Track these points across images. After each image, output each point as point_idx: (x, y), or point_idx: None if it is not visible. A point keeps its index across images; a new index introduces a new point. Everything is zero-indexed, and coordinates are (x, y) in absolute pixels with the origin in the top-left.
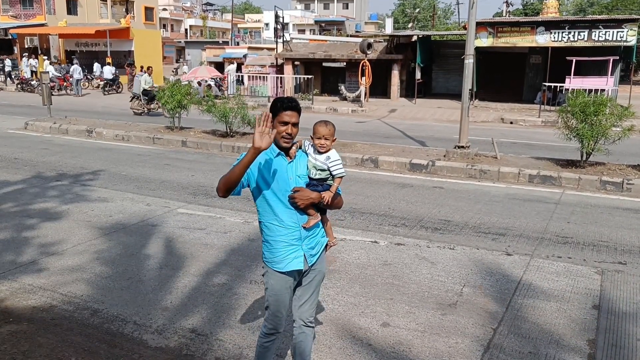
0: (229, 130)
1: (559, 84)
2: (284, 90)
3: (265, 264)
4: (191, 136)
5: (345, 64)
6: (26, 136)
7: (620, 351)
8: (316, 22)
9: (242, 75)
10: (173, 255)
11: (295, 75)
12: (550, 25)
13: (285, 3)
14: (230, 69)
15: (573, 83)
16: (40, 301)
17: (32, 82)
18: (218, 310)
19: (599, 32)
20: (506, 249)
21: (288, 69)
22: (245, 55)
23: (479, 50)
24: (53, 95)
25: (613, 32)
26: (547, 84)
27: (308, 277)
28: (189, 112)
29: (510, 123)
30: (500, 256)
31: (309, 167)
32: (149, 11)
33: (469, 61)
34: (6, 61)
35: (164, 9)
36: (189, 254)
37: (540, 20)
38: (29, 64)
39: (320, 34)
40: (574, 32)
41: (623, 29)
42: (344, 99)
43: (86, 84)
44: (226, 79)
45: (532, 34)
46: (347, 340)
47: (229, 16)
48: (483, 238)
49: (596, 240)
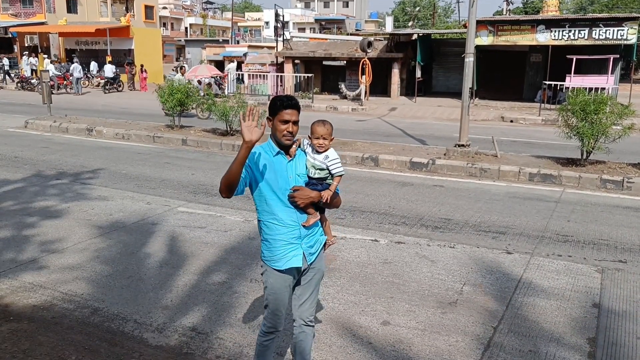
0: (229, 128)
1: (559, 83)
2: (284, 89)
3: (264, 263)
4: (191, 135)
5: (345, 62)
6: (26, 135)
7: (620, 349)
8: (316, 21)
9: (242, 74)
10: (173, 253)
11: (296, 74)
12: (551, 24)
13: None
14: (231, 67)
15: (573, 81)
16: (41, 299)
17: (32, 81)
18: (218, 309)
19: (600, 31)
20: (506, 247)
21: (288, 67)
22: (245, 54)
23: (479, 49)
24: (53, 93)
25: (613, 31)
26: (548, 82)
27: (307, 276)
28: (188, 111)
29: (511, 121)
30: (500, 255)
31: (307, 167)
32: (149, 9)
33: (469, 59)
34: (4, 60)
35: (164, 8)
36: (189, 253)
37: (540, 18)
38: (29, 63)
39: (320, 32)
40: (575, 31)
41: (623, 27)
42: (344, 97)
43: (86, 82)
44: (226, 77)
45: (533, 33)
46: (348, 338)
47: (229, 14)
48: (483, 236)
49: (596, 238)
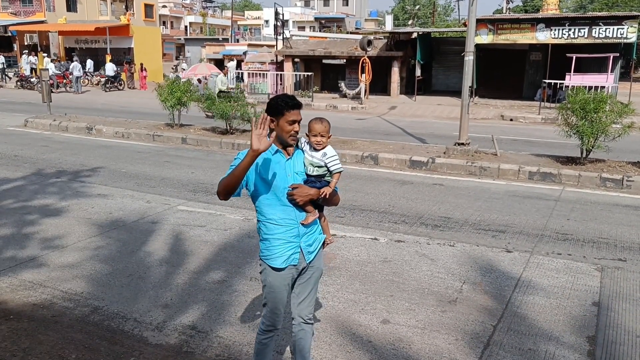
0: (228, 127)
1: (559, 81)
2: (283, 88)
3: (263, 261)
4: (191, 133)
5: (345, 61)
6: (26, 133)
7: (619, 348)
8: (316, 19)
9: (242, 73)
10: (173, 252)
11: (295, 73)
12: (551, 22)
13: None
14: (230, 66)
15: (573, 80)
16: (41, 298)
17: (32, 80)
18: (218, 308)
19: (599, 29)
20: (506, 246)
21: (288, 66)
22: (245, 53)
23: (479, 47)
24: (53, 92)
25: (613, 29)
26: (547, 81)
27: (306, 274)
28: (188, 110)
29: (510, 120)
30: (500, 253)
31: (305, 165)
32: (148, 8)
33: (469, 58)
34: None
35: (164, 6)
36: (189, 251)
37: (540, 17)
38: (29, 61)
39: (320, 31)
40: (574, 29)
41: (623, 25)
42: (344, 96)
43: (86, 81)
44: (226, 76)
45: (532, 31)
46: (347, 337)
47: (228, 13)
48: (483, 235)
49: (596, 237)
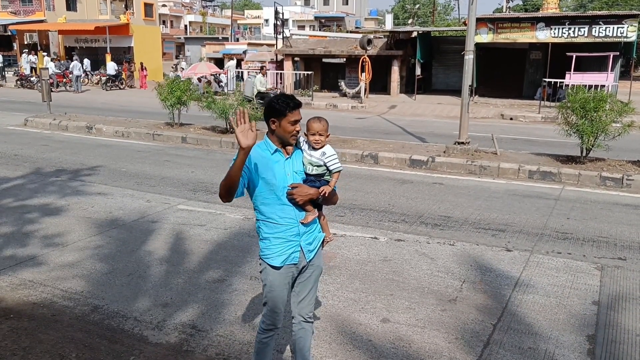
0: (228, 126)
1: (559, 80)
2: (283, 87)
3: (263, 260)
4: (191, 132)
5: (345, 60)
6: (26, 132)
7: (619, 347)
8: (316, 18)
9: (242, 72)
10: (173, 251)
11: (295, 72)
12: (551, 21)
13: None
14: (230, 65)
15: (573, 79)
16: (41, 297)
17: (32, 79)
18: (218, 306)
19: (599, 28)
20: (506, 245)
21: (288, 65)
22: (245, 52)
23: (479, 46)
24: (52, 91)
25: (613, 28)
26: (547, 79)
27: (306, 273)
28: (188, 109)
29: (510, 119)
30: (500, 252)
31: (304, 164)
32: (148, 7)
33: (469, 57)
34: None
35: (164, 5)
36: (189, 250)
37: (540, 16)
38: (29, 61)
39: (320, 30)
40: (574, 28)
41: (623, 24)
42: (344, 95)
43: (86, 80)
44: (226, 75)
45: (532, 30)
46: (347, 335)
47: (228, 12)
48: (483, 234)
49: (596, 236)
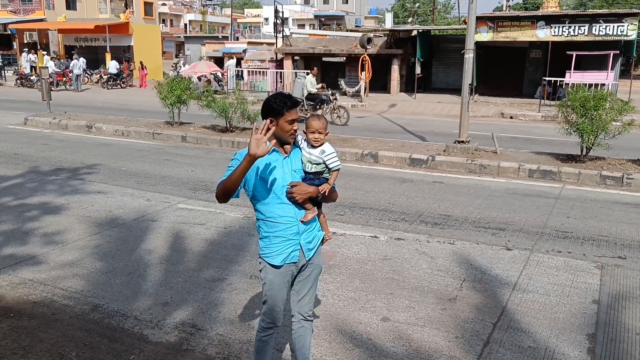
0: (228, 125)
1: (559, 79)
2: (283, 86)
3: (263, 259)
4: (191, 131)
5: (345, 58)
6: (26, 131)
7: (619, 345)
8: (316, 17)
9: (242, 70)
10: (173, 250)
11: (295, 70)
12: (551, 20)
13: None
14: (230, 64)
15: (573, 77)
16: (41, 296)
17: (32, 78)
18: (218, 305)
19: (600, 27)
20: (506, 243)
21: (288, 63)
22: (244, 50)
23: (479, 45)
24: (52, 90)
25: (613, 27)
26: (547, 78)
27: (306, 272)
28: (188, 108)
29: (510, 118)
30: (500, 251)
31: (303, 162)
32: (148, 6)
33: (469, 56)
34: None
35: (163, 4)
36: (188, 249)
37: (540, 14)
38: (29, 59)
39: (319, 28)
40: (574, 27)
41: (623, 23)
42: (344, 94)
43: (85, 79)
44: (226, 74)
45: (533, 29)
46: (347, 334)
47: (228, 11)
48: (483, 233)
49: (596, 234)
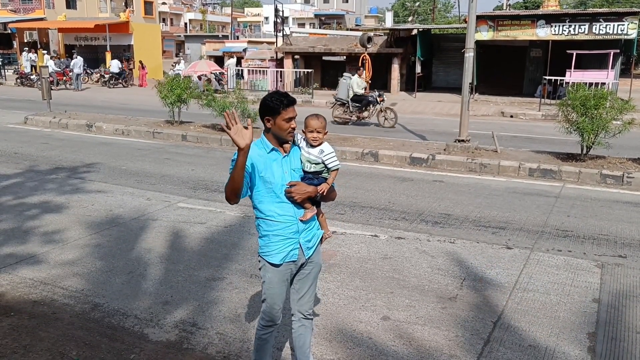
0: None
1: (559, 78)
2: (283, 84)
3: (262, 258)
4: (191, 130)
5: (345, 57)
6: (26, 131)
7: (620, 344)
8: (316, 16)
9: (242, 70)
10: (173, 249)
11: (295, 69)
12: (551, 19)
13: None
14: (230, 63)
15: (573, 76)
16: (41, 295)
17: (32, 77)
18: (218, 304)
19: (600, 25)
20: (506, 242)
21: (288, 63)
22: (245, 49)
23: (479, 44)
24: (52, 89)
25: (614, 25)
26: (548, 77)
27: (305, 270)
28: (188, 107)
29: (511, 117)
30: (500, 250)
31: (302, 161)
32: (148, 5)
33: (469, 55)
34: None
35: (164, 3)
36: (189, 248)
37: (540, 13)
38: (29, 59)
39: (320, 27)
40: (575, 26)
41: (624, 22)
42: None
43: (86, 78)
44: (226, 73)
45: (533, 27)
46: (348, 333)
47: (228, 10)
48: (483, 232)
49: (596, 233)
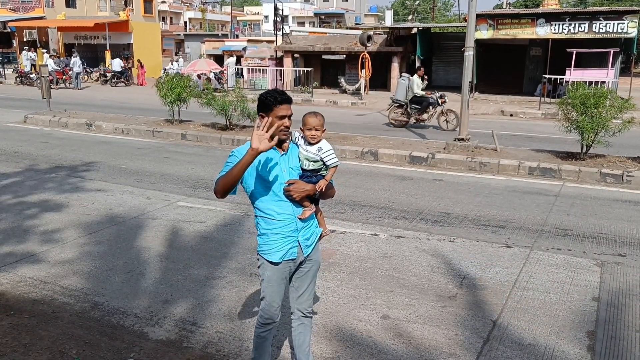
0: (228, 123)
1: (559, 76)
2: (283, 83)
3: (261, 256)
4: (191, 129)
5: (345, 56)
6: (26, 130)
7: (619, 343)
8: (316, 15)
9: (242, 68)
10: (173, 248)
11: (295, 68)
12: (551, 17)
13: None
14: (230, 61)
15: (573, 75)
16: (41, 294)
17: (31, 76)
18: (218, 303)
19: (600, 24)
20: (506, 241)
21: (287, 61)
22: (244, 48)
23: (479, 43)
24: (52, 88)
25: (614, 24)
26: (547, 76)
27: (304, 268)
28: (188, 105)
29: (510, 115)
30: (500, 248)
31: (301, 159)
32: (147, 4)
33: (469, 53)
34: None
35: (163, 2)
36: (189, 247)
37: (540, 12)
38: (29, 57)
39: (319, 26)
40: (575, 24)
41: (624, 20)
42: (344, 91)
43: (85, 77)
44: (225, 71)
45: (533, 26)
46: (347, 332)
47: (228, 9)
48: (483, 230)
49: (596, 232)
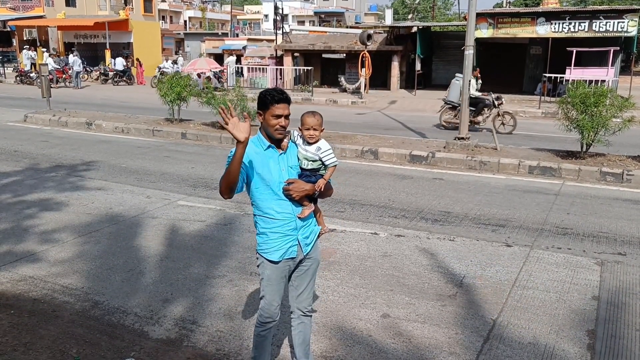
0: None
1: (559, 75)
2: (283, 82)
3: (260, 255)
4: (191, 128)
5: (345, 55)
6: (25, 129)
7: (619, 342)
8: (316, 14)
9: (242, 67)
10: (173, 247)
11: (295, 67)
12: (551, 16)
13: None
14: (230, 60)
15: (573, 74)
16: (41, 293)
17: (31, 75)
18: (218, 302)
19: (600, 23)
20: (506, 240)
21: (287, 60)
22: (244, 47)
23: (479, 41)
24: (52, 87)
25: (614, 23)
26: (547, 75)
27: (304, 266)
28: (188, 105)
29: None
30: (500, 247)
31: (300, 159)
32: (147, 3)
33: (469, 52)
34: None
35: (163, 1)
36: (189, 246)
37: (540, 10)
38: (29, 56)
39: (319, 25)
40: (575, 23)
41: (624, 19)
42: (344, 90)
43: (85, 76)
44: (225, 70)
45: (533, 25)
46: (347, 331)
47: (228, 7)
48: (483, 229)
49: (596, 231)
